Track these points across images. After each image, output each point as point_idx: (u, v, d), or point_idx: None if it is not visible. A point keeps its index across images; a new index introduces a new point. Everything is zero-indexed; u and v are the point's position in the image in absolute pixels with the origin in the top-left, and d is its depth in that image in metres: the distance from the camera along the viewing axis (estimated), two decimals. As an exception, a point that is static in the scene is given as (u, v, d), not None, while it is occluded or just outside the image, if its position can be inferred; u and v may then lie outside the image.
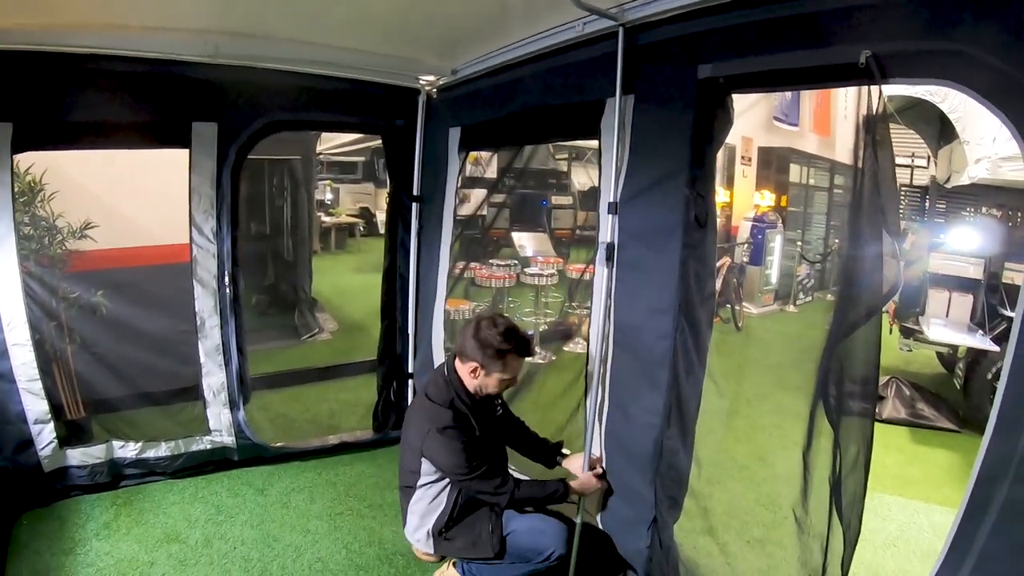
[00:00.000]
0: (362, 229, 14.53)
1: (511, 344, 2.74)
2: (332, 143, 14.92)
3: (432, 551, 2.96)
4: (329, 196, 14.99)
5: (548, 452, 3.18)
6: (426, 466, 2.83)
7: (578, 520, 2.95)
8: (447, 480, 2.84)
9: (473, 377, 2.81)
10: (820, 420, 2.16)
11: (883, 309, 6.08)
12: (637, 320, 2.78)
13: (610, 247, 2.79)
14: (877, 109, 1.92)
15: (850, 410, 2.06)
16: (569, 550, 2.85)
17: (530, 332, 7.07)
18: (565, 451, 3.20)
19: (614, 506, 3.02)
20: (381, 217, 14.99)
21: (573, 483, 2.90)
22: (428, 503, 2.90)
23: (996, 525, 1.68)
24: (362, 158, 15.71)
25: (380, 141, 4.45)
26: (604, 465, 3.02)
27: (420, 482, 2.89)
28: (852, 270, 2.11)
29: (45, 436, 3.48)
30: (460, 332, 2.90)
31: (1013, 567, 1.66)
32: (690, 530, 3.46)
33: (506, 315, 2.86)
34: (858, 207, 2.03)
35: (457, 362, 2.85)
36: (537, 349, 6.89)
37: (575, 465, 3.06)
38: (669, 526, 2.82)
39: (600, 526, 3.10)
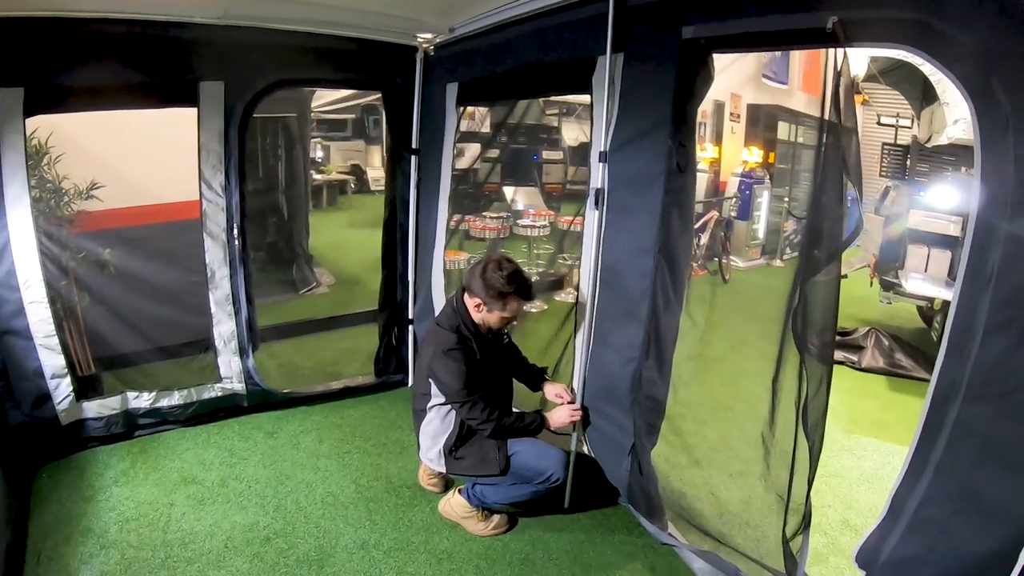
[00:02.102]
0: (353, 186, 14.51)
1: (512, 287, 2.94)
2: (322, 101, 14.78)
3: (444, 469, 3.19)
4: (320, 154, 14.89)
5: (534, 376, 3.44)
6: (435, 388, 3.05)
7: (572, 448, 3.21)
8: None
9: (477, 311, 3.03)
10: (788, 350, 2.37)
11: (869, 260, 6.21)
12: (622, 259, 2.99)
13: (599, 192, 2.99)
14: (843, 69, 2.09)
15: (815, 341, 2.25)
16: (566, 476, 3.11)
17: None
18: (547, 377, 3.46)
19: (598, 435, 3.26)
20: (372, 174, 15.04)
21: (548, 414, 3.16)
22: (439, 424, 3.13)
23: (949, 441, 1.88)
24: (352, 115, 15.52)
25: (370, 98, 4.53)
26: (578, 398, 3.25)
27: (430, 404, 3.11)
28: (818, 212, 2.30)
29: (62, 390, 3.59)
30: (470, 269, 3.09)
31: (965, 479, 1.85)
32: (677, 464, 3.73)
33: (513, 260, 3.03)
34: (824, 155, 2.22)
35: (465, 295, 3.06)
36: (533, 297, 7.11)
37: (551, 391, 3.33)
38: (648, 452, 3.06)
39: (592, 454, 3.36)
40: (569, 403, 3.22)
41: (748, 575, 2.71)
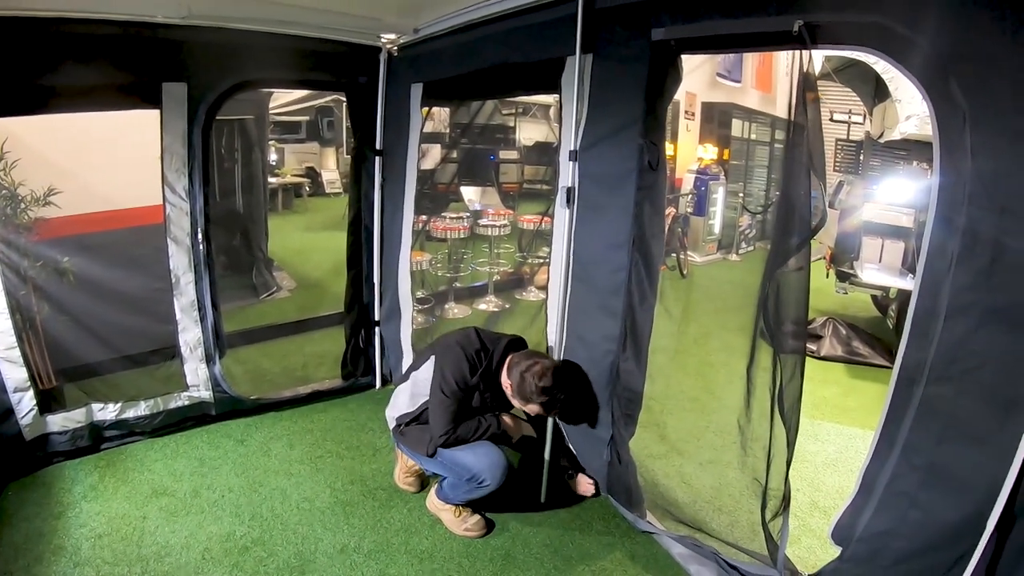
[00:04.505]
0: (308, 189, 14.32)
1: (540, 400, 2.97)
2: (276, 103, 14.59)
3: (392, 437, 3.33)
4: (274, 157, 14.65)
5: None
6: (428, 364, 3.12)
7: (547, 440, 3.29)
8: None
9: (504, 385, 3.10)
10: (760, 339, 2.47)
11: (824, 251, 6.42)
12: (595, 255, 3.05)
13: (570, 191, 3.04)
14: (808, 71, 2.18)
15: (788, 328, 2.35)
16: (500, 483, 3.09)
17: (484, 282, 7.37)
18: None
19: (575, 428, 3.33)
20: (327, 177, 14.89)
21: (505, 417, 3.22)
22: (406, 400, 3.24)
23: (916, 419, 2.00)
24: (306, 117, 15.34)
25: (324, 100, 4.46)
26: None
27: (416, 373, 3.21)
28: (785, 206, 2.39)
29: (25, 404, 3.47)
30: (526, 353, 3.14)
31: (931, 454, 1.97)
32: (648, 455, 3.80)
33: (562, 371, 3.05)
34: (790, 153, 2.32)
35: (510, 359, 3.09)
36: (492, 298, 7.20)
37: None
38: (626, 442, 3.13)
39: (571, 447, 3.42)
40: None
41: (727, 558, 2.78)
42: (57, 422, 3.62)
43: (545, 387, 2.93)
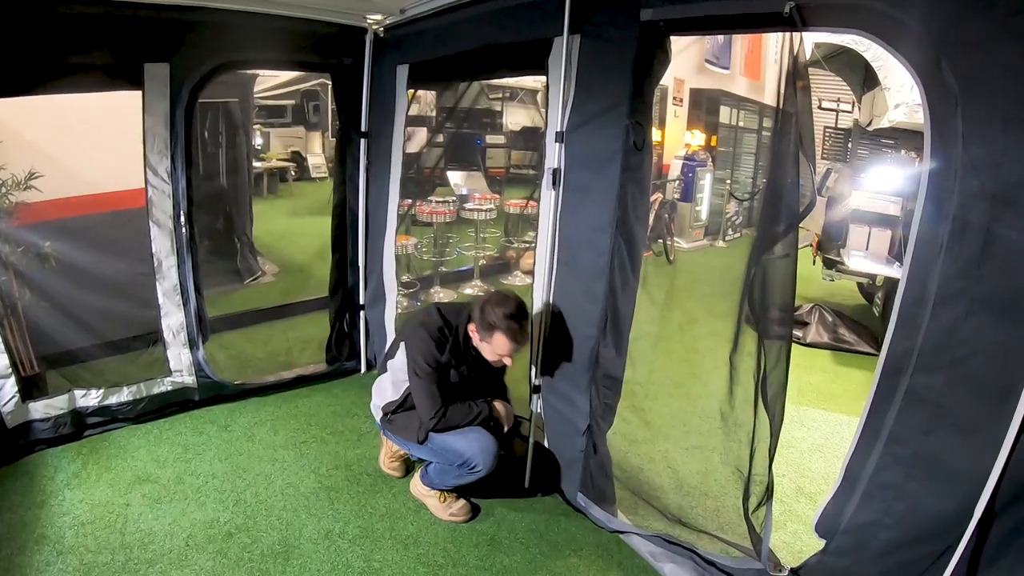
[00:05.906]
0: (293, 173, 14.20)
1: (504, 324, 2.88)
2: (261, 87, 14.40)
3: (380, 427, 3.33)
4: (259, 141, 14.49)
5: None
6: (400, 352, 3.11)
7: (530, 428, 3.29)
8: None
9: (473, 335, 3.03)
10: (745, 325, 2.45)
11: (812, 239, 6.45)
12: (581, 238, 3.01)
13: (556, 172, 3.00)
14: (799, 53, 2.15)
15: (773, 315, 2.33)
16: (492, 468, 3.06)
17: (470, 266, 7.38)
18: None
19: (553, 414, 3.31)
20: (313, 161, 14.78)
21: (496, 403, 3.19)
22: (390, 388, 3.22)
23: (901, 409, 1.98)
24: (292, 101, 15.19)
25: (310, 84, 4.40)
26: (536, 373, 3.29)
27: (392, 362, 3.19)
28: (773, 192, 2.37)
29: (7, 391, 3.42)
30: (486, 295, 3.09)
31: (918, 445, 1.95)
32: (634, 440, 3.80)
33: (523, 302, 3.00)
34: (778, 140, 2.29)
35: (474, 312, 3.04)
36: (477, 283, 7.20)
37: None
38: (603, 432, 3.10)
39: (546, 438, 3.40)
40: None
41: (705, 553, 2.74)
42: (39, 409, 3.57)
43: (508, 313, 2.88)
